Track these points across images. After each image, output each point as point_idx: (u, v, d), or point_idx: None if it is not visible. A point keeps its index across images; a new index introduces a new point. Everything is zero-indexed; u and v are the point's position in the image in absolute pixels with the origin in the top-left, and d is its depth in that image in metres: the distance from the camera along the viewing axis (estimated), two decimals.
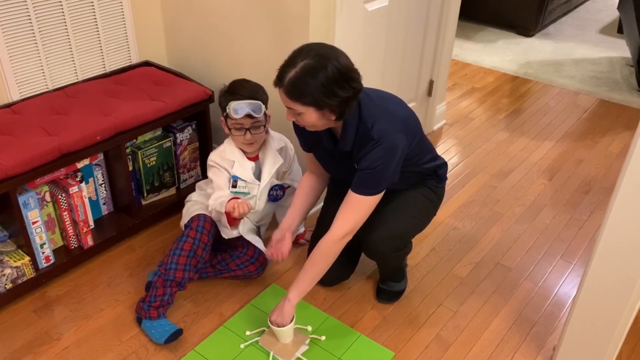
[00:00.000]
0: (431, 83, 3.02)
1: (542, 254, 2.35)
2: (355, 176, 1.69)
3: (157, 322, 1.87)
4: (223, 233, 2.04)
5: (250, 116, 1.90)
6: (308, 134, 1.80)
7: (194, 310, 2.02)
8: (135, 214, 2.33)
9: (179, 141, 2.43)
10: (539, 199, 2.69)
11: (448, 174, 2.42)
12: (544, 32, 4.81)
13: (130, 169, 2.29)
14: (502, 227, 2.49)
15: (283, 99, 1.59)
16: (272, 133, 2.09)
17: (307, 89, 1.53)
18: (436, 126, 3.26)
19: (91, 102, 2.20)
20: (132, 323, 1.95)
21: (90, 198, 2.23)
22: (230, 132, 1.97)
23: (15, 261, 1.97)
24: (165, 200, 2.47)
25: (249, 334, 1.91)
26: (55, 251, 2.14)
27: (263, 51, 2.27)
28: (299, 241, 2.30)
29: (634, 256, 1.48)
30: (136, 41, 2.55)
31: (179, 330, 1.86)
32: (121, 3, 2.42)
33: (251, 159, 2.03)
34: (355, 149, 1.70)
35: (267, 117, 1.99)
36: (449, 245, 2.37)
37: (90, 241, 2.18)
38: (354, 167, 1.71)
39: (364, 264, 2.17)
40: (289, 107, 1.61)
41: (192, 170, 2.56)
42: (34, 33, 2.18)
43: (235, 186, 1.97)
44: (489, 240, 2.41)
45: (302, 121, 1.63)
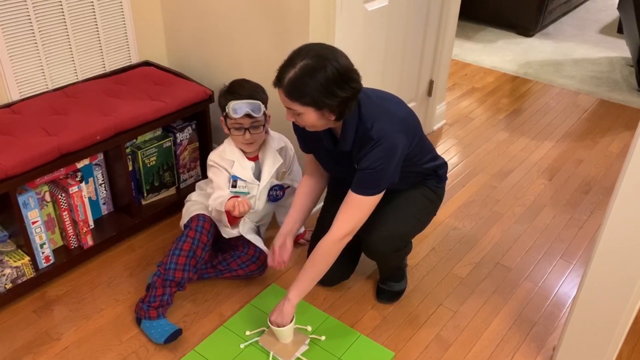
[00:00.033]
0: (431, 83, 3.02)
1: (542, 254, 2.35)
2: (355, 176, 1.69)
3: (156, 322, 1.87)
4: (223, 232, 2.04)
5: (250, 116, 1.90)
6: (308, 134, 1.80)
7: (193, 310, 2.02)
8: (135, 214, 2.33)
9: (178, 141, 2.43)
10: (539, 199, 2.69)
11: (448, 174, 2.42)
12: (544, 32, 4.81)
13: (130, 168, 2.29)
14: (502, 227, 2.49)
15: (282, 99, 1.59)
16: (272, 133, 2.09)
17: (307, 89, 1.53)
18: (436, 126, 3.26)
19: (91, 102, 2.20)
20: (132, 323, 1.95)
21: (90, 198, 2.23)
22: (230, 132, 1.97)
23: (15, 261, 1.97)
24: (165, 200, 2.47)
25: (249, 334, 1.91)
26: (55, 251, 2.14)
27: (263, 51, 2.27)
28: (299, 241, 2.30)
29: (634, 256, 1.48)
30: (136, 41, 2.55)
31: (178, 330, 1.86)
32: (121, 3, 2.42)
33: (251, 159, 2.03)
34: (355, 149, 1.70)
35: (266, 117, 1.99)
36: (449, 245, 2.37)
37: (90, 241, 2.18)
38: (353, 167, 1.71)
39: (364, 264, 2.17)
40: (289, 108, 1.61)
41: (192, 170, 2.56)
42: (34, 33, 2.18)
43: (235, 186, 1.97)
44: (489, 240, 2.41)
45: (302, 121, 1.63)
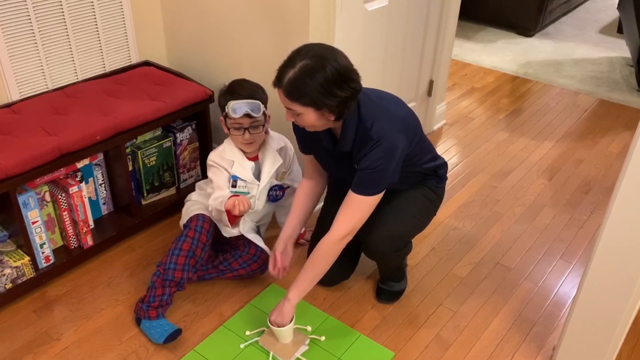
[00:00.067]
0: (431, 83, 3.02)
1: (542, 254, 2.35)
2: (355, 176, 1.69)
3: (156, 322, 1.87)
4: (224, 232, 2.04)
5: (249, 116, 1.90)
6: (308, 134, 1.80)
7: (193, 310, 2.02)
8: (135, 214, 2.33)
9: (178, 141, 2.43)
10: (539, 199, 2.69)
11: (448, 174, 2.42)
12: (544, 32, 4.81)
13: (130, 168, 2.29)
14: (502, 227, 2.49)
15: (282, 99, 1.59)
16: (272, 133, 2.09)
17: (306, 90, 1.53)
18: (436, 126, 3.26)
19: (91, 102, 2.20)
20: (132, 323, 1.95)
21: (90, 198, 2.23)
22: (229, 131, 1.97)
23: (15, 261, 1.97)
24: (165, 200, 2.47)
25: (248, 334, 1.91)
26: (55, 251, 2.14)
27: (263, 51, 2.27)
28: (299, 241, 2.30)
29: (634, 256, 1.48)
30: (136, 41, 2.55)
31: (178, 330, 1.86)
32: (121, 3, 2.42)
33: (251, 159, 2.03)
34: (354, 149, 1.69)
35: (266, 117, 1.99)
36: (449, 245, 2.37)
37: (90, 241, 2.18)
38: (353, 167, 1.71)
39: (364, 264, 2.17)
40: (288, 108, 1.61)
41: (192, 170, 2.56)
42: (33, 33, 2.18)
43: (235, 186, 1.97)
44: (489, 240, 2.41)
45: (301, 121, 1.63)
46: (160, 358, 1.84)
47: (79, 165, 2.14)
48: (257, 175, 2.03)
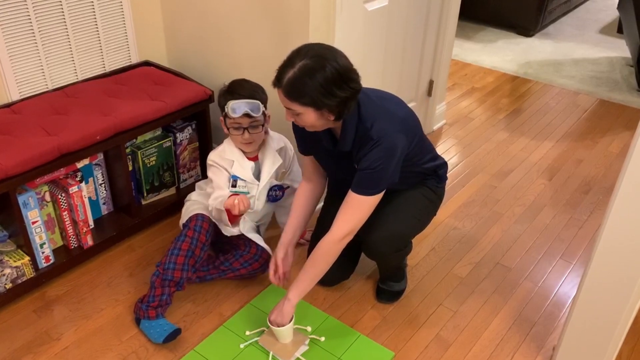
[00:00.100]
0: (431, 83, 3.02)
1: (542, 254, 2.35)
2: (355, 176, 1.69)
3: (155, 322, 1.87)
4: (224, 231, 2.04)
5: (249, 115, 1.90)
6: (307, 134, 1.80)
7: (193, 310, 2.02)
8: (135, 214, 2.33)
9: (178, 141, 2.43)
10: (539, 199, 2.69)
11: (448, 174, 2.42)
12: (544, 32, 4.81)
13: (130, 168, 2.29)
14: (502, 227, 2.49)
15: (282, 99, 1.59)
16: (272, 133, 2.09)
17: (306, 90, 1.52)
18: (436, 126, 3.26)
19: (91, 102, 2.20)
20: (132, 323, 1.95)
21: (90, 198, 2.23)
22: (229, 131, 1.97)
23: (15, 261, 1.97)
24: (165, 200, 2.47)
25: (248, 334, 1.91)
26: (55, 251, 2.14)
27: (263, 51, 2.27)
28: (299, 241, 2.30)
29: (634, 256, 1.48)
30: (136, 41, 2.55)
31: (177, 329, 1.85)
32: (121, 3, 2.42)
33: (251, 159, 2.03)
34: (354, 149, 1.69)
35: (266, 117, 1.99)
36: (449, 245, 2.37)
37: (90, 241, 2.18)
38: (353, 167, 1.71)
39: (364, 264, 2.17)
40: (288, 108, 1.61)
41: (192, 170, 2.56)
42: (33, 33, 2.18)
43: (234, 186, 1.97)
44: (488, 240, 2.41)
45: (301, 121, 1.63)
46: (160, 358, 1.84)
47: (79, 165, 2.14)
48: (257, 175, 2.03)
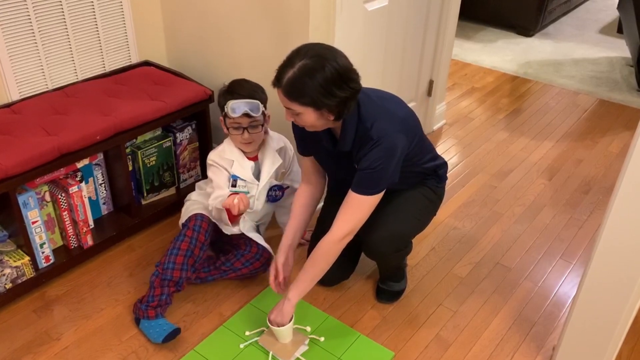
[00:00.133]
0: (431, 83, 3.02)
1: (541, 254, 2.35)
2: (355, 176, 1.69)
3: (154, 322, 1.87)
4: (225, 230, 2.04)
5: (248, 115, 1.90)
6: (307, 134, 1.79)
7: (193, 310, 2.02)
8: (135, 214, 2.33)
9: (178, 141, 2.43)
10: (539, 198, 2.69)
11: (448, 174, 2.42)
12: (544, 32, 4.81)
13: (130, 168, 2.29)
14: (502, 227, 2.49)
15: (281, 99, 1.59)
16: (272, 133, 2.09)
17: (305, 90, 1.52)
18: (436, 126, 3.26)
19: (91, 102, 2.20)
20: (132, 323, 1.95)
21: (90, 198, 2.23)
22: (229, 131, 1.97)
23: (15, 261, 1.97)
24: (165, 200, 2.47)
25: (248, 334, 1.91)
26: (55, 251, 2.14)
27: (263, 51, 2.27)
28: (299, 241, 2.29)
29: (634, 256, 1.48)
30: (136, 41, 2.55)
31: (176, 329, 1.85)
32: (121, 3, 2.42)
33: (250, 158, 2.03)
34: (354, 149, 1.69)
35: (265, 117, 1.99)
36: (448, 245, 2.37)
37: (90, 241, 2.18)
38: (353, 167, 1.71)
39: (364, 264, 2.17)
40: (288, 107, 1.61)
41: (192, 170, 2.56)
42: (33, 33, 2.18)
43: (234, 185, 1.97)
44: (488, 240, 2.41)
45: (301, 121, 1.63)
46: (160, 358, 1.84)
47: (79, 165, 2.14)
48: (257, 175, 2.03)
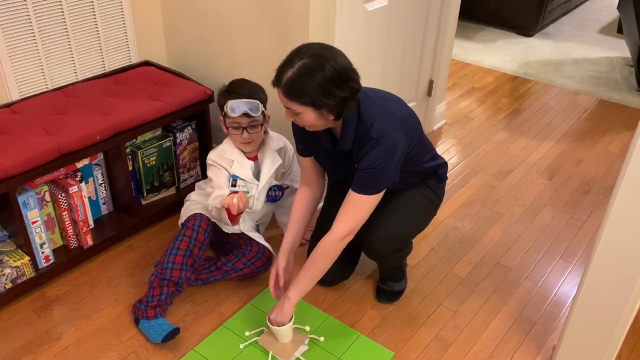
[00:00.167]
0: (431, 83, 3.02)
1: (541, 254, 2.35)
2: (355, 176, 1.68)
3: (154, 322, 1.87)
4: (225, 228, 2.04)
5: (248, 115, 1.90)
6: (307, 134, 1.79)
7: (193, 310, 2.02)
8: (135, 214, 2.33)
9: (178, 141, 2.43)
10: (539, 198, 2.69)
11: (448, 174, 2.42)
12: (544, 32, 4.81)
13: (130, 168, 2.29)
14: (502, 227, 2.49)
15: (281, 98, 1.59)
16: (272, 133, 2.09)
17: (305, 89, 1.52)
18: (436, 126, 3.26)
19: (91, 101, 2.20)
20: (132, 323, 1.95)
21: (90, 198, 2.23)
22: (228, 131, 1.97)
23: (15, 261, 1.97)
24: (165, 200, 2.47)
25: (248, 334, 1.91)
26: (55, 251, 2.14)
27: (263, 51, 2.27)
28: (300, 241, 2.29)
29: (634, 256, 1.48)
30: (136, 41, 2.55)
31: (176, 329, 1.85)
32: (121, 3, 2.42)
33: (250, 158, 2.03)
34: (354, 149, 1.69)
35: (265, 117, 1.99)
36: (448, 245, 2.37)
37: (90, 241, 2.18)
38: (354, 167, 1.71)
39: (364, 264, 2.17)
40: (287, 107, 1.61)
41: (192, 170, 2.56)
42: (33, 33, 2.18)
43: (234, 185, 1.97)
44: (488, 240, 2.41)
45: (301, 121, 1.63)
46: (160, 358, 1.84)
47: (79, 165, 2.14)
48: (257, 175, 2.03)
